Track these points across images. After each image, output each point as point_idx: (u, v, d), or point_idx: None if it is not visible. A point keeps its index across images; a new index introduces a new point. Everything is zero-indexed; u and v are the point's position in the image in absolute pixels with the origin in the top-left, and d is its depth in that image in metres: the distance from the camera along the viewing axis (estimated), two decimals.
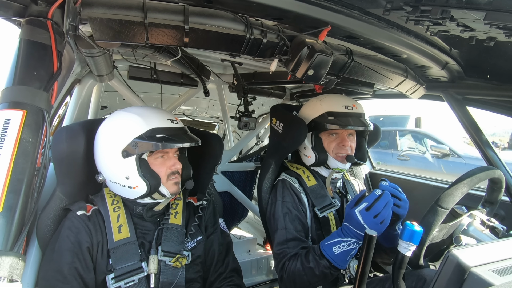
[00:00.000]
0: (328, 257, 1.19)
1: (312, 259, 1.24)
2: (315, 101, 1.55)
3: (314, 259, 1.23)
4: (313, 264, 1.23)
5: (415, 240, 0.90)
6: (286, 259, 1.34)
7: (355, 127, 1.44)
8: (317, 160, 1.47)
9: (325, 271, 1.21)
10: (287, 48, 1.09)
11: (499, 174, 1.21)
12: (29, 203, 0.87)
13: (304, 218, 1.43)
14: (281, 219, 1.42)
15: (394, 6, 0.93)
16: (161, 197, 1.19)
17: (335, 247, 1.19)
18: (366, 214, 1.14)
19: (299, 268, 1.28)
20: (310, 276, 1.24)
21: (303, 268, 1.26)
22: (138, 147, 1.10)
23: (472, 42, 1.07)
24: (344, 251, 1.18)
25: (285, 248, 1.36)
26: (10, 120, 0.85)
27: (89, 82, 1.81)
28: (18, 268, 0.77)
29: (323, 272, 1.21)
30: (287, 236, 1.37)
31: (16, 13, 0.92)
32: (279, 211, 1.44)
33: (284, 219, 1.41)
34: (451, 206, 1.05)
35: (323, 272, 1.21)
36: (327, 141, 1.48)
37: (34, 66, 0.91)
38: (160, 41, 0.93)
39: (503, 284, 0.62)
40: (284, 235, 1.38)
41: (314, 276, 1.23)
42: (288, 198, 1.44)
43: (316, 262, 1.22)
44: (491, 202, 1.28)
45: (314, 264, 1.23)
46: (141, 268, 1.12)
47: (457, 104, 1.67)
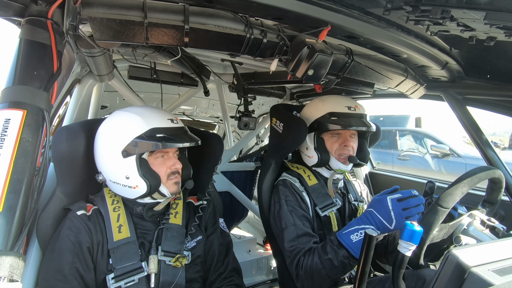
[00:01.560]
0: (346, 245, 1.17)
1: (330, 250, 1.22)
2: (317, 102, 1.55)
3: (332, 249, 1.21)
4: (332, 255, 1.20)
5: (415, 239, 0.90)
6: (301, 255, 1.32)
7: (358, 128, 1.45)
8: (319, 160, 1.47)
9: (344, 261, 1.18)
10: (287, 48, 1.09)
11: (499, 174, 1.20)
12: (29, 203, 0.87)
13: (309, 216, 1.43)
14: (289, 216, 1.40)
15: (394, 6, 0.93)
16: (161, 197, 1.19)
17: (352, 235, 1.17)
18: (396, 204, 1.14)
19: (316, 261, 1.25)
20: (329, 269, 1.21)
21: (321, 261, 1.23)
22: (138, 146, 1.10)
23: (472, 42, 1.07)
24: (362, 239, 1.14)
25: (297, 244, 1.34)
26: (10, 120, 0.84)
27: (89, 82, 1.81)
28: (18, 268, 0.77)
29: (342, 263, 1.18)
30: (297, 232, 1.36)
31: (16, 13, 0.92)
32: (284, 209, 1.42)
33: (292, 216, 1.39)
34: (452, 205, 1.05)
35: (343, 262, 1.18)
36: (329, 141, 1.48)
37: (34, 66, 0.91)
38: (160, 41, 0.93)
39: (503, 284, 0.62)
40: (294, 231, 1.36)
41: (333, 268, 1.20)
42: (291, 197, 1.44)
43: (334, 252, 1.20)
44: (491, 202, 1.28)
45: (333, 255, 1.20)
46: (141, 268, 1.12)
47: (457, 104, 1.67)
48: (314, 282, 1.27)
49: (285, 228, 1.40)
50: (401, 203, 1.14)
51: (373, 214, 1.17)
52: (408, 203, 1.15)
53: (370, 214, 1.17)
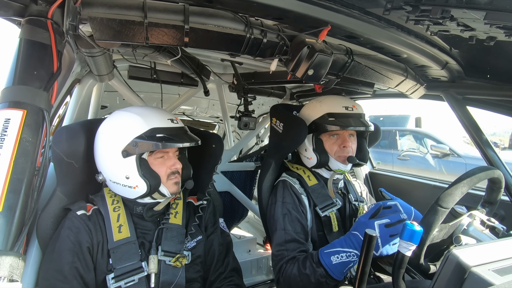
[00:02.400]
0: (325, 265, 1.18)
1: (309, 265, 1.23)
2: (315, 103, 1.54)
3: (311, 265, 1.22)
4: (309, 271, 1.21)
5: (415, 240, 0.90)
6: (283, 262, 1.33)
7: (356, 128, 1.44)
8: (318, 162, 1.47)
9: (321, 280, 1.19)
10: (287, 48, 1.09)
11: (498, 174, 1.21)
12: (29, 203, 0.87)
13: (304, 220, 1.42)
14: (280, 220, 1.41)
15: (394, 5, 0.93)
16: (161, 197, 1.19)
17: (333, 256, 1.17)
18: (384, 230, 1.11)
19: (295, 273, 1.26)
20: (306, 283, 1.22)
21: (299, 274, 1.25)
22: (138, 146, 1.10)
23: (472, 41, 1.07)
24: (342, 262, 1.15)
25: (283, 250, 1.35)
26: (10, 120, 0.84)
27: (89, 82, 1.81)
28: (18, 268, 0.77)
29: (318, 281, 1.19)
30: (285, 237, 1.36)
31: (16, 12, 0.92)
32: (278, 212, 1.43)
33: (283, 220, 1.40)
34: (451, 205, 1.05)
35: (319, 280, 1.19)
36: (328, 142, 1.48)
37: (34, 65, 0.91)
38: (160, 40, 0.93)
39: (503, 283, 0.62)
40: (282, 236, 1.37)
41: (310, 284, 1.21)
42: (288, 199, 1.44)
43: (312, 269, 1.21)
44: (490, 202, 1.28)
45: (310, 271, 1.21)
46: (141, 268, 1.12)
47: (457, 104, 1.67)
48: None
49: (275, 231, 1.41)
50: (390, 229, 1.11)
51: (358, 238, 1.15)
52: (396, 229, 1.11)
53: (355, 238, 1.16)
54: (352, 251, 1.14)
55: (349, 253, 1.15)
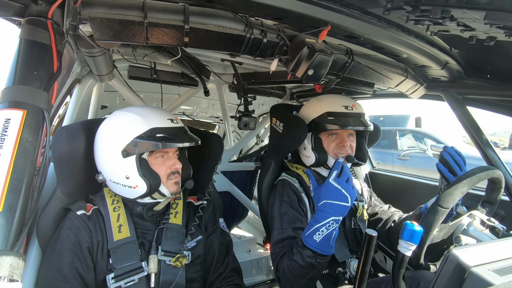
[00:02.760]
0: (310, 246, 1.17)
1: (296, 252, 1.22)
2: (314, 102, 1.54)
3: (298, 252, 1.21)
4: (298, 257, 1.21)
5: (415, 239, 0.90)
6: (278, 259, 1.34)
7: (355, 127, 1.44)
8: (317, 160, 1.47)
9: (310, 261, 1.18)
10: (287, 48, 1.09)
11: (498, 174, 1.21)
12: (29, 203, 0.87)
13: (304, 218, 1.42)
14: (278, 219, 1.41)
15: (394, 5, 0.93)
16: (161, 196, 1.19)
17: (314, 235, 1.17)
18: (340, 181, 1.16)
19: (287, 263, 1.26)
20: (299, 269, 1.22)
21: (290, 262, 1.25)
22: (138, 146, 1.10)
23: (472, 41, 1.07)
24: (325, 236, 1.15)
25: (279, 247, 1.36)
26: (10, 120, 0.85)
27: (89, 82, 1.81)
28: (18, 268, 0.77)
29: (308, 263, 1.18)
30: (282, 235, 1.37)
31: (16, 12, 0.92)
32: (276, 211, 1.43)
33: (281, 219, 1.40)
34: (451, 205, 1.05)
35: (308, 262, 1.18)
36: (327, 141, 1.48)
37: (34, 66, 0.91)
38: (160, 40, 0.93)
39: (503, 284, 0.61)
40: (279, 234, 1.38)
41: (303, 268, 1.21)
42: (287, 198, 1.44)
43: (300, 254, 1.20)
44: (490, 202, 1.28)
45: (299, 257, 1.21)
46: (141, 267, 1.12)
47: (457, 104, 1.67)
48: (292, 284, 1.28)
49: (273, 229, 1.42)
50: (341, 177, 1.17)
51: (327, 204, 1.16)
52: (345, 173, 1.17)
53: (325, 206, 1.17)
54: (329, 219, 1.15)
55: (327, 224, 1.15)
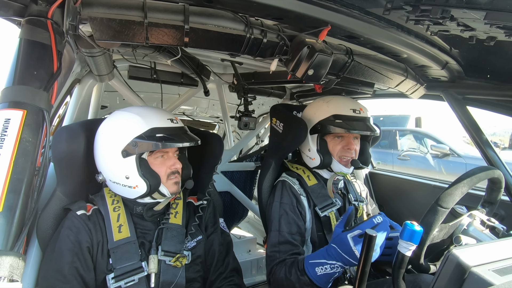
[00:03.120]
0: (310, 276, 1.18)
1: (294, 272, 1.24)
2: (321, 103, 1.52)
3: (296, 273, 1.23)
4: (294, 278, 1.22)
5: (415, 240, 0.90)
6: (274, 264, 1.34)
7: (363, 132, 1.43)
8: (321, 162, 1.46)
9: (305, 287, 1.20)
10: (287, 48, 1.09)
11: (498, 174, 1.21)
12: (29, 203, 0.87)
13: (301, 222, 1.42)
14: (276, 220, 1.41)
15: (394, 5, 0.93)
16: (161, 196, 1.19)
17: (318, 267, 1.17)
18: (358, 241, 1.10)
19: (282, 277, 1.28)
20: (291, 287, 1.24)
21: (285, 279, 1.26)
22: (138, 146, 1.10)
23: (472, 41, 1.07)
24: (326, 274, 1.16)
25: (276, 251, 1.36)
26: (10, 120, 0.84)
27: (89, 82, 1.81)
28: (18, 268, 0.77)
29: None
30: (279, 238, 1.37)
31: (16, 12, 0.92)
32: (275, 212, 1.43)
33: (279, 221, 1.40)
34: (451, 205, 1.05)
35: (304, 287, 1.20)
36: (332, 143, 1.48)
37: (34, 66, 0.91)
38: (160, 40, 0.93)
39: (503, 284, 0.62)
40: (276, 237, 1.38)
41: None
42: (286, 200, 1.44)
43: (297, 277, 1.22)
44: (490, 202, 1.28)
45: (295, 278, 1.22)
46: (141, 267, 1.12)
47: (457, 104, 1.67)
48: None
49: (271, 231, 1.42)
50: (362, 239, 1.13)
51: (337, 251, 1.15)
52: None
53: (335, 251, 1.16)
54: (336, 263, 1.15)
55: (333, 265, 1.15)
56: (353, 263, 1.13)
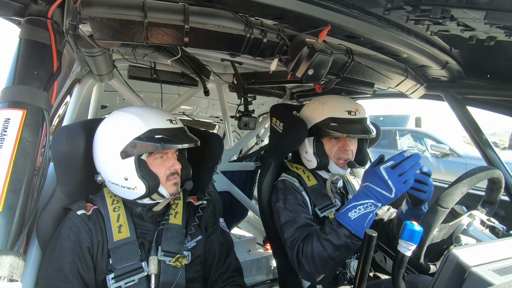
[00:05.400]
0: (345, 224, 1.14)
1: (329, 231, 1.18)
2: (317, 104, 1.52)
3: (331, 230, 1.18)
4: (331, 236, 1.17)
5: (415, 239, 0.90)
6: (299, 242, 1.29)
7: (358, 136, 1.43)
8: (318, 165, 1.46)
9: (346, 241, 1.14)
10: (287, 48, 1.09)
11: (498, 174, 1.20)
12: (29, 202, 0.87)
13: (309, 212, 1.41)
14: (287, 212, 1.39)
15: (394, 5, 0.93)
16: (160, 197, 1.19)
17: (350, 212, 1.14)
18: (391, 172, 1.12)
19: (317, 244, 1.21)
20: (331, 250, 1.17)
21: (321, 244, 1.20)
22: (136, 148, 1.10)
23: (472, 41, 1.07)
24: (361, 215, 1.13)
25: (298, 232, 1.32)
26: (10, 119, 0.84)
27: (89, 82, 1.81)
28: (18, 268, 0.77)
29: (344, 242, 1.15)
30: (297, 224, 1.34)
31: (16, 12, 0.92)
32: (283, 206, 1.41)
33: (291, 212, 1.38)
34: (451, 205, 1.05)
35: (345, 242, 1.15)
36: (328, 145, 1.47)
37: (34, 65, 0.91)
38: (160, 40, 0.93)
39: (503, 283, 0.62)
40: (293, 224, 1.34)
41: (335, 249, 1.17)
42: (290, 196, 1.43)
43: (334, 232, 1.16)
44: (490, 202, 1.28)
45: (332, 235, 1.17)
46: (141, 268, 1.12)
47: (457, 103, 1.67)
48: (317, 267, 1.22)
49: (285, 224, 1.38)
50: (395, 169, 1.12)
51: (370, 187, 1.14)
52: (402, 167, 1.12)
53: (367, 188, 1.15)
54: (368, 201, 1.13)
55: (365, 204, 1.13)
56: (388, 196, 1.12)
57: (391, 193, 1.13)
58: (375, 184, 1.13)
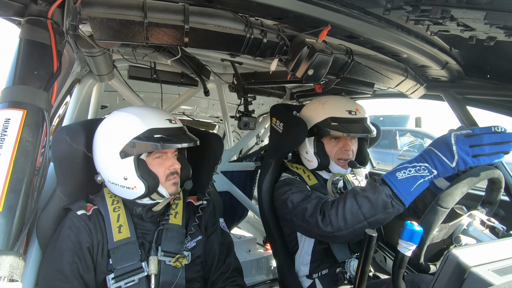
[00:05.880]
0: (389, 182, 1.02)
1: (369, 188, 1.07)
2: (317, 104, 1.52)
3: (371, 187, 1.06)
4: (370, 192, 1.05)
5: (415, 239, 0.90)
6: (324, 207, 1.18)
7: (358, 134, 1.43)
8: (319, 165, 1.47)
9: (385, 200, 1.02)
10: (287, 48, 1.09)
11: (498, 174, 1.20)
12: (29, 202, 0.87)
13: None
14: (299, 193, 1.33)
15: (394, 5, 0.93)
16: (160, 197, 1.19)
17: (398, 172, 1.01)
18: (462, 139, 0.95)
19: (351, 201, 1.10)
20: (367, 208, 1.06)
21: (356, 201, 1.08)
22: (136, 147, 1.10)
23: (472, 41, 1.07)
24: (410, 177, 0.99)
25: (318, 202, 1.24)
26: (10, 119, 0.84)
27: (89, 82, 1.81)
28: (18, 268, 0.77)
29: (383, 201, 1.02)
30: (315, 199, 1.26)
31: (16, 12, 0.92)
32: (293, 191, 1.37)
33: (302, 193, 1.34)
34: (451, 205, 1.05)
35: (384, 200, 1.02)
36: (329, 145, 1.47)
37: (34, 65, 0.91)
38: (160, 40, 0.93)
39: (503, 284, 0.61)
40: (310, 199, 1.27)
41: (372, 207, 1.04)
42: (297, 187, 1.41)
43: (375, 189, 1.05)
44: (490, 202, 1.28)
45: (372, 192, 1.05)
46: (141, 268, 1.12)
47: (457, 104, 1.67)
48: (347, 223, 1.10)
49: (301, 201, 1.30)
50: (469, 139, 0.95)
51: (431, 151, 1.00)
52: (480, 139, 0.94)
53: (427, 152, 1.01)
54: (423, 164, 0.98)
55: (418, 166, 0.99)
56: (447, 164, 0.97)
57: (452, 161, 0.97)
58: (437, 148, 0.98)
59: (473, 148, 0.96)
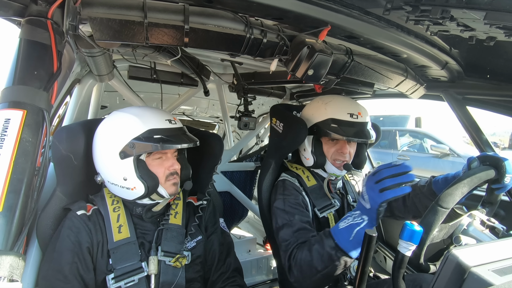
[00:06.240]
0: (333, 233, 1.08)
1: (318, 239, 1.14)
2: (320, 103, 1.51)
3: (319, 239, 1.14)
4: (319, 245, 1.12)
5: (415, 240, 0.90)
6: (294, 247, 1.25)
7: (357, 140, 1.42)
8: (315, 163, 1.47)
9: (330, 253, 1.07)
10: (287, 48, 1.09)
11: None
12: (29, 203, 0.87)
13: (308, 214, 1.40)
14: (285, 213, 1.37)
15: (394, 6, 0.93)
16: (160, 197, 1.19)
17: (342, 222, 1.09)
18: (370, 178, 1.04)
19: (306, 253, 1.17)
20: (316, 260, 1.11)
21: (309, 252, 1.15)
22: (135, 148, 1.10)
23: (472, 42, 1.07)
24: (347, 226, 1.06)
25: (294, 237, 1.29)
26: (10, 120, 0.85)
27: (89, 82, 1.81)
28: (18, 268, 0.77)
29: (328, 254, 1.08)
30: (293, 228, 1.31)
31: (16, 12, 0.92)
32: (281, 207, 1.40)
33: (288, 214, 1.37)
34: (451, 205, 1.05)
35: (329, 254, 1.07)
36: (327, 146, 1.47)
37: (34, 66, 0.91)
38: (160, 41, 0.94)
39: (503, 284, 0.61)
40: (290, 227, 1.32)
41: (321, 260, 1.10)
42: (290, 195, 1.42)
43: (321, 241, 1.11)
44: (490, 202, 1.28)
45: (320, 245, 1.12)
46: (141, 268, 1.12)
47: (457, 104, 1.67)
48: (304, 276, 1.17)
49: (282, 226, 1.36)
50: (373, 176, 1.04)
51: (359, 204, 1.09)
52: (380, 174, 1.02)
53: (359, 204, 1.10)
54: (357, 211, 1.06)
55: (355, 215, 1.07)
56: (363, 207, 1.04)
57: (366, 202, 1.05)
58: (361, 195, 1.07)
59: (377, 184, 1.02)
